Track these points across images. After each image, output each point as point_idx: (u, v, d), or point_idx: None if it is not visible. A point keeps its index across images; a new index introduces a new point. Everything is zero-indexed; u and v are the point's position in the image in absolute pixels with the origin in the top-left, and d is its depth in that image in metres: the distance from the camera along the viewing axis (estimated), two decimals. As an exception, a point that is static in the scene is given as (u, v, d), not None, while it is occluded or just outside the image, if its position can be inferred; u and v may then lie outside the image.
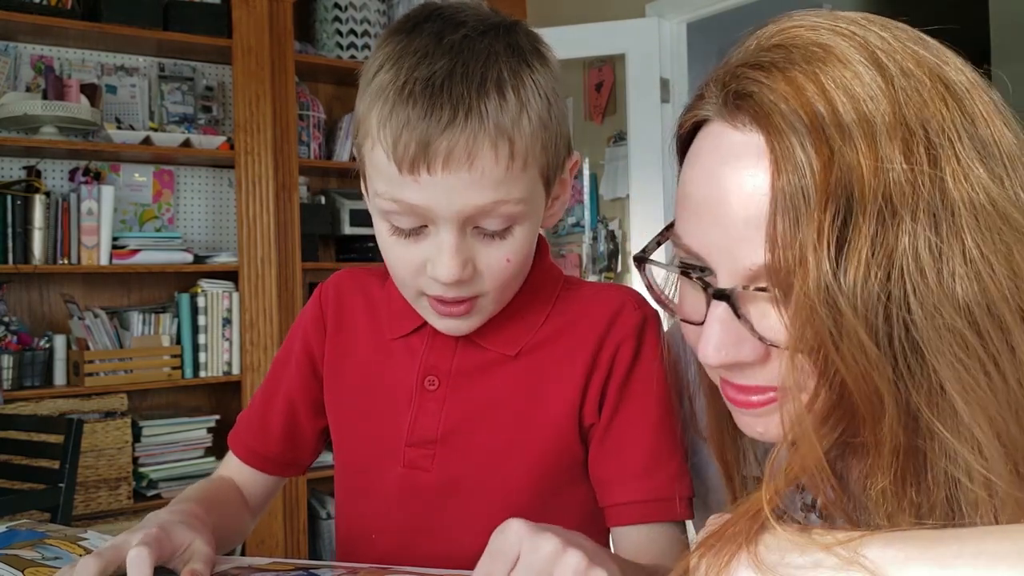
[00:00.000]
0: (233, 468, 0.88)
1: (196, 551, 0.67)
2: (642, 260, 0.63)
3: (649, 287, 0.65)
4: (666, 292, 0.65)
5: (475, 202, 0.66)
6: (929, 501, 0.52)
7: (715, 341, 0.56)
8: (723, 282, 0.56)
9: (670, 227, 0.62)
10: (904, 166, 0.49)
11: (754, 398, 0.58)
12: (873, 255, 0.49)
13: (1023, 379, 0.50)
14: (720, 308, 0.56)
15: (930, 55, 0.53)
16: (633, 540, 0.74)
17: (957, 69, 0.54)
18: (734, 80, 0.55)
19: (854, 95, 0.51)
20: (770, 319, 0.54)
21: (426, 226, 0.68)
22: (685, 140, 0.61)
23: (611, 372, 0.75)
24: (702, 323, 0.57)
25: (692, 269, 0.58)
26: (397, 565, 0.73)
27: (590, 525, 0.74)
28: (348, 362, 0.83)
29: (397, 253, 0.70)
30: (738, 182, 0.54)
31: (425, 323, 0.77)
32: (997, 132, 0.52)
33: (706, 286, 0.57)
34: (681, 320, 0.62)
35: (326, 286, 0.87)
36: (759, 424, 0.60)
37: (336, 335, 0.84)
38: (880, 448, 0.51)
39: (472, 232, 0.68)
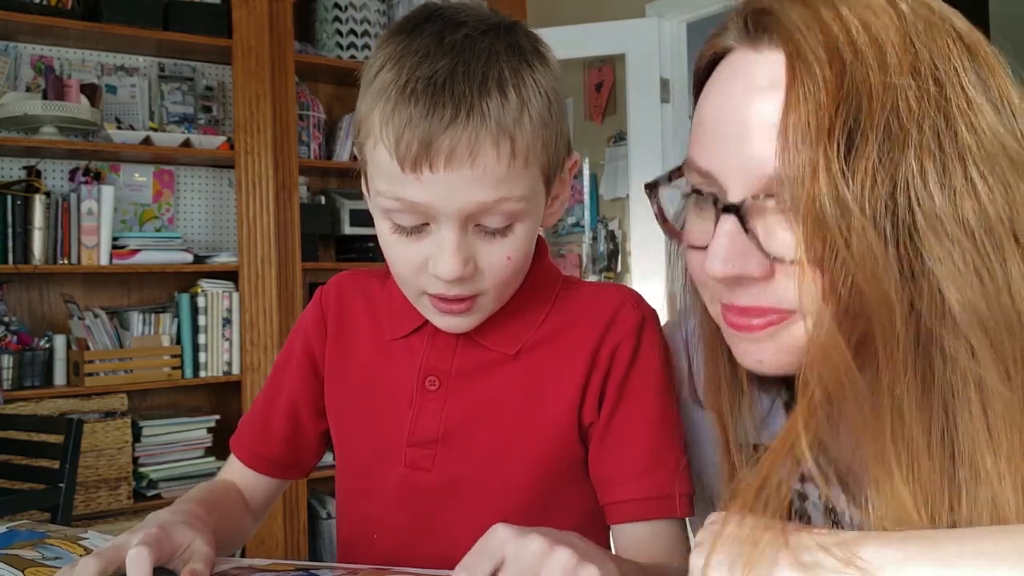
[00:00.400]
0: (235, 471, 0.87)
1: (196, 551, 0.67)
2: (654, 186, 0.66)
3: (659, 214, 0.67)
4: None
5: (477, 199, 0.66)
6: (927, 418, 0.54)
7: (723, 253, 0.57)
8: (733, 197, 0.58)
9: (682, 166, 0.64)
10: (912, 85, 0.53)
11: (755, 321, 0.60)
12: (880, 163, 0.52)
13: (1013, 292, 0.52)
14: (729, 222, 0.57)
15: (940, 6, 0.58)
16: (633, 537, 0.74)
17: (964, 21, 0.58)
18: (754, 2, 0.59)
19: (867, 22, 0.54)
20: (776, 235, 0.56)
21: (428, 224, 0.68)
22: (702, 77, 0.64)
23: (610, 370, 0.76)
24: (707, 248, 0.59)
25: (703, 189, 0.60)
26: (398, 566, 0.73)
27: (590, 524, 0.74)
28: (349, 364, 0.83)
29: (398, 251, 0.71)
30: (755, 99, 0.56)
31: (425, 323, 0.78)
32: (999, 78, 0.56)
33: (715, 201, 0.59)
34: (688, 247, 0.64)
35: (327, 288, 0.87)
36: (757, 351, 0.61)
37: (337, 337, 0.84)
38: (893, 354, 0.53)
39: (473, 230, 0.68)
